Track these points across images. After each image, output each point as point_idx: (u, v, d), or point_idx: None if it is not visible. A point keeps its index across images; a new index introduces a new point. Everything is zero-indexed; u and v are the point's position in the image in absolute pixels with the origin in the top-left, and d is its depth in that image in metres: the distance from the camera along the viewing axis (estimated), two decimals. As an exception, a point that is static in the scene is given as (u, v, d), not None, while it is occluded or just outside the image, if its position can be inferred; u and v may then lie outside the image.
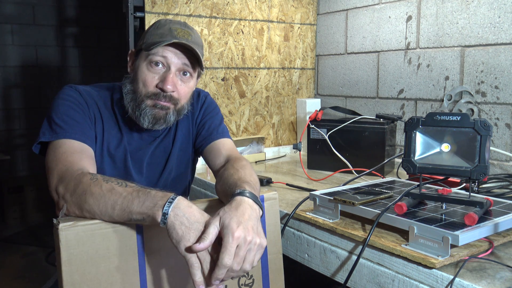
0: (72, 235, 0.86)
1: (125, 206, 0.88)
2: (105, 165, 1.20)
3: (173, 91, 1.15)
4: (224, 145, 1.28)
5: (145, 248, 0.93)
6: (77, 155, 1.07)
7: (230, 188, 1.00)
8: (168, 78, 1.13)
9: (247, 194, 0.94)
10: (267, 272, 1.07)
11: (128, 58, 1.24)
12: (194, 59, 1.17)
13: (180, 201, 0.87)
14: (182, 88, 1.17)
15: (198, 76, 1.23)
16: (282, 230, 1.25)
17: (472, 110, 1.73)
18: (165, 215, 0.85)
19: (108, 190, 0.92)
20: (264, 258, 1.07)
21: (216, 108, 1.37)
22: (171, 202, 0.86)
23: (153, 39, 1.14)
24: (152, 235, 0.94)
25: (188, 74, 1.17)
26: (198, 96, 1.35)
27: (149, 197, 0.88)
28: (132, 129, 1.23)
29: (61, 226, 0.86)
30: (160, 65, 1.14)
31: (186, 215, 0.86)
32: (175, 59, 1.14)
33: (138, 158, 1.25)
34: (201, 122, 1.33)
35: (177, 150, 1.30)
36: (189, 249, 0.84)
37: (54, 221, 0.87)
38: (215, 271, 0.83)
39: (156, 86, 1.14)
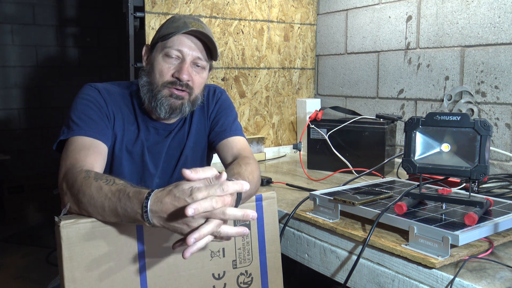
0: (73, 233, 0.88)
1: (112, 208, 0.87)
2: (124, 161, 1.24)
3: (189, 80, 1.20)
4: (237, 143, 1.31)
5: (145, 244, 0.94)
6: (85, 151, 1.07)
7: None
8: (184, 68, 1.19)
9: None
10: (266, 271, 1.08)
11: (143, 53, 1.29)
12: (206, 52, 1.23)
13: (153, 203, 0.83)
14: (196, 78, 1.23)
15: (210, 68, 1.29)
16: (282, 230, 1.25)
17: (472, 110, 1.73)
18: (149, 222, 0.83)
19: (96, 190, 0.90)
20: (262, 257, 1.07)
21: (230, 106, 1.40)
22: (146, 206, 0.82)
23: (169, 31, 1.20)
24: (152, 231, 0.94)
25: (201, 65, 1.23)
26: (214, 92, 1.39)
27: (128, 203, 0.85)
28: (148, 125, 1.27)
29: (63, 223, 0.87)
30: (175, 57, 1.20)
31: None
32: (190, 51, 1.20)
33: (156, 152, 1.28)
34: (215, 118, 1.36)
35: (191, 143, 1.33)
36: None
37: (56, 218, 0.89)
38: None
39: (172, 75, 1.20)
